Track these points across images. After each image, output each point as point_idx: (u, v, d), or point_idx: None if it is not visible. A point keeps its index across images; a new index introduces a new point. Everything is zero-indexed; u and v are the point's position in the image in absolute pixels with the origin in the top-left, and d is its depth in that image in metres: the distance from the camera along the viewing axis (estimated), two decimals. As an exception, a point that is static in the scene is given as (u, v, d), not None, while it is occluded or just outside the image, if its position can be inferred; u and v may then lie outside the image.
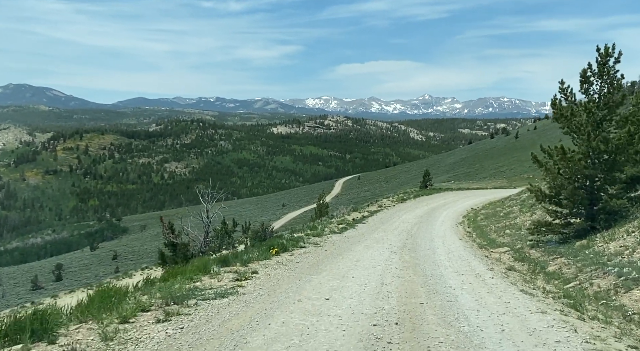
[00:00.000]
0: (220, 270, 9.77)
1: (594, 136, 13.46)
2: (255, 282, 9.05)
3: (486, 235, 18.88)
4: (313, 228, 19.02)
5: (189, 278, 8.77)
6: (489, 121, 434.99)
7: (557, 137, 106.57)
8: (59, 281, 75.67)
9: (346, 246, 14.50)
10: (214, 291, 8.12)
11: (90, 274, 76.28)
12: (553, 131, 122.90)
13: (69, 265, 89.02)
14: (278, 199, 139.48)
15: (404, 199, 35.23)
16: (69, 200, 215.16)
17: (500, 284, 9.15)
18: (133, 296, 7.27)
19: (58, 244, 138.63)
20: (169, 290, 7.57)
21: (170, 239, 25.75)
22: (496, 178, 75.94)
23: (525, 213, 22.91)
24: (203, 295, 7.87)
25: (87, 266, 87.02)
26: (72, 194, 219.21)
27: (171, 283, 8.19)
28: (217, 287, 8.46)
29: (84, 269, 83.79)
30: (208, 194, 25.32)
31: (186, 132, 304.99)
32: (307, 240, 15.30)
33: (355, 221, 22.59)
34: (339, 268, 10.59)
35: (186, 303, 7.30)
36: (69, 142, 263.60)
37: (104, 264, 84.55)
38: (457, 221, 23.33)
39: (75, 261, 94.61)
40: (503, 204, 29.36)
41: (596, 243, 12.29)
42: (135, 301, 6.92)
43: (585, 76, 13.94)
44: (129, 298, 7.02)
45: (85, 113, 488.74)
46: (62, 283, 73.37)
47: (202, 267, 9.51)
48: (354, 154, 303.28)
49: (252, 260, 10.98)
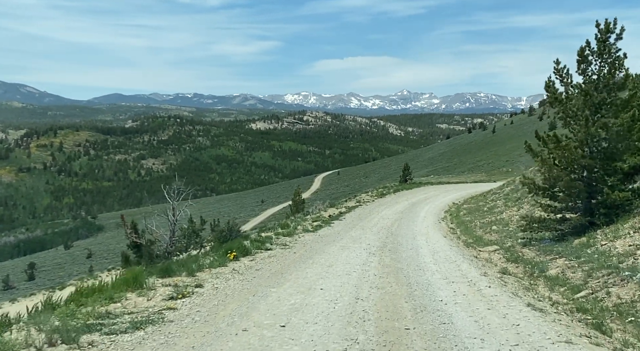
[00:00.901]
0: (157, 283, 7.93)
1: (592, 122, 12.05)
2: (195, 301, 7.14)
3: (471, 232, 17.58)
4: (284, 226, 17.53)
5: (108, 298, 6.70)
6: (466, 116, 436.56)
7: (533, 130, 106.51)
8: (32, 280, 74.04)
9: (319, 247, 12.95)
10: (132, 319, 6.11)
11: (64, 273, 74.50)
12: (529, 125, 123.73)
13: (42, 264, 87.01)
14: (257, 196, 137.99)
15: (383, 194, 33.87)
16: (43, 198, 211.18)
17: (500, 297, 7.59)
18: (14, 329, 5.41)
19: (31, 243, 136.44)
20: (66, 320, 5.64)
21: (133, 239, 24.14)
22: (475, 172, 75.32)
23: (511, 207, 21.63)
24: (113, 325, 5.82)
25: (60, 265, 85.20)
26: (46, 192, 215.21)
27: (79, 307, 6.28)
28: (140, 311, 6.49)
29: (58, 269, 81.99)
30: (174, 190, 23.93)
31: (163, 129, 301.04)
32: (275, 240, 13.75)
33: (332, 217, 21.14)
34: (307, 277, 8.97)
35: (80, 343, 5.26)
36: (42, 139, 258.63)
37: (78, 263, 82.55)
38: (440, 217, 22.09)
39: (48, 260, 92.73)
40: (485, 199, 28.29)
41: (598, 240, 10.91)
42: (3, 344, 4.82)
43: (583, 55, 12.53)
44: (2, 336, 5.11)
45: (60, 109, 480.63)
46: (34, 282, 72.03)
47: (132, 280, 7.41)
48: (333, 149, 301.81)
49: (204, 268, 9.27)
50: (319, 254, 11.57)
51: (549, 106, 13.52)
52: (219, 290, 7.89)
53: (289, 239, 14.37)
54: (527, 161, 75.84)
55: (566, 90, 12.97)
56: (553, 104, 13.17)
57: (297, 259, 10.88)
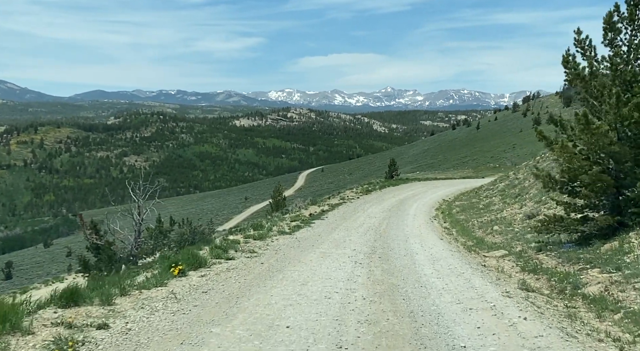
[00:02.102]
0: (47, 320, 5.36)
1: (624, 101, 9.90)
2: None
3: (470, 233, 15.56)
4: (257, 227, 15.20)
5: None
6: (450, 113, 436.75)
7: (518, 127, 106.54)
8: (9, 279, 73.13)
9: (294, 254, 10.79)
10: None
11: (42, 272, 73.24)
12: (513, 121, 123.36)
13: (20, 263, 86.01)
14: (240, 193, 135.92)
15: (369, 190, 31.76)
16: (23, 195, 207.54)
17: (548, 338, 5.28)
18: None
19: (10, 241, 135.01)
20: None
21: (93, 240, 21.60)
22: (460, 169, 73.88)
23: (511, 204, 19.59)
24: None
25: (39, 264, 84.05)
26: (27, 189, 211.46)
27: None
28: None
29: (36, 267, 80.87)
30: (139, 187, 21.07)
31: (146, 125, 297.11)
32: (242, 246, 11.55)
33: (313, 216, 19.17)
34: (270, 304, 6.65)
35: None
36: (23, 135, 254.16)
37: (57, 262, 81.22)
38: (431, 215, 20.20)
39: (27, 259, 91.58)
40: (478, 195, 26.50)
41: (634, 246, 8.85)
42: None
43: (610, 22, 10.40)
44: None
45: (41, 106, 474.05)
46: (11, 281, 71.10)
47: (2, 317, 4.81)
48: (317, 146, 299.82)
49: (131, 290, 6.86)
50: (292, 265, 9.36)
51: (568, 84, 11.39)
52: (128, 336, 5.28)
53: (260, 243, 12.22)
54: (513, 158, 74.49)
55: (590, 65, 10.84)
56: (573, 82, 11.04)
57: (264, 273, 8.62)
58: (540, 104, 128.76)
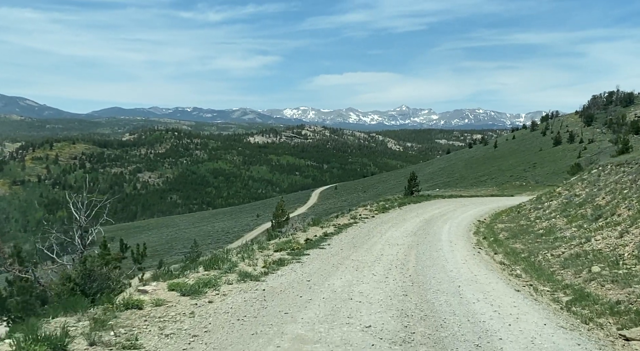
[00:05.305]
0: None
1: None
2: None
3: (549, 275, 11.30)
4: (210, 265, 10.76)
5: None
6: (466, 132, 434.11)
7: (537, 146, 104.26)
8: None
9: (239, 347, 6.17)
10: None
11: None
12: (532, 140, 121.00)
13: None
14: (253, 210, 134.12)
15: (386, 208, 27.46)
16: (36, 211, 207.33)
17: None
18: None
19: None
20: None
21: (14, 272, 16.05)
22: (479, 187, 71.70)
23: (596, 230, 14.43)
24: None
25: None
26: (40, 205, 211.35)
27: None
28: None
29: None
30: (82, 202, 17.69)
31: (160, 142, 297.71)
32: (147, 312, 7.43)
33: (310, 243, 14.78)
34: None
35: None
36: (38, 151, 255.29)
37: (63, 280, 78.96)
38: (472, 242, 16.43)
39: None
40: (523, 216, 23.03)
41: None
42: None
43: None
44: None
45: (58, 123, 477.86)
46: None
47: None
48: (331, 164, 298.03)
49: None
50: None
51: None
52: None
53: (185, 307, 7.67)
54: (535, 176, 72.41)
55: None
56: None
57: None
58: (560, 122, 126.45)
